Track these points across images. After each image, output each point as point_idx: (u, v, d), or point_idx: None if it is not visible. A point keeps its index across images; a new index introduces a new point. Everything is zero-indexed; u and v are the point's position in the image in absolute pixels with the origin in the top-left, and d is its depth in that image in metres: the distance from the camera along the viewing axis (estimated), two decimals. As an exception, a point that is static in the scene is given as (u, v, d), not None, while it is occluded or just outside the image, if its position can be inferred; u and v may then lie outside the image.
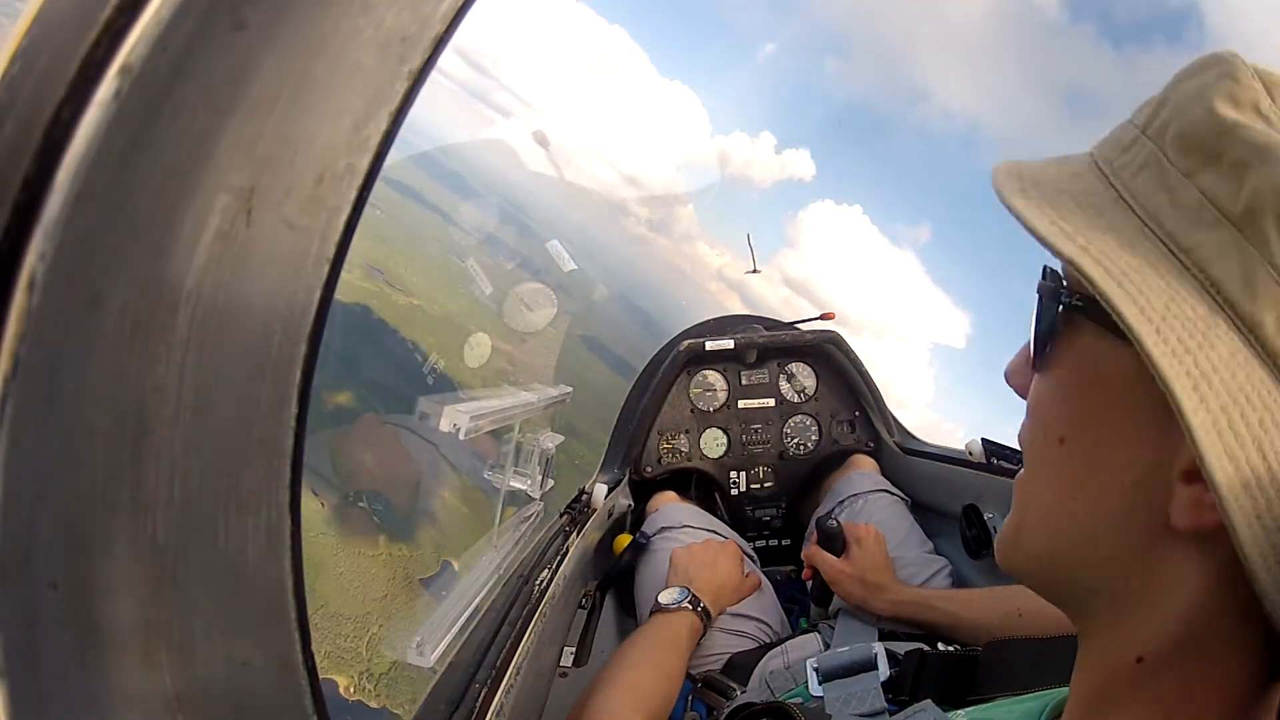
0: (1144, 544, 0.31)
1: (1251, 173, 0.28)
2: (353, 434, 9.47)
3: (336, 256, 0.25)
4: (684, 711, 0.96)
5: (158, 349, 0.21)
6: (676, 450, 1.62)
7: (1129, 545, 0.32)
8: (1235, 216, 0.28)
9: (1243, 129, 0.29)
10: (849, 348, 1.67)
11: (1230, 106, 0.30)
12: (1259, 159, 0.28)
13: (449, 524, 4.43)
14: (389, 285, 14.88)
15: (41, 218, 0.18)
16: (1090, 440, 0.34)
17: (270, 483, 0.26)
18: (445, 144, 7.95)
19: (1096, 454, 0.33)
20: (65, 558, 0.21)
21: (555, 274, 1.41)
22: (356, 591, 10.07)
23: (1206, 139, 0.30)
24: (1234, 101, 0.30)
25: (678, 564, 1.13)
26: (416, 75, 0.24)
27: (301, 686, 0.29)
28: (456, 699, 0.66)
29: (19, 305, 0.18)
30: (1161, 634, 0.31)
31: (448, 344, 2.00)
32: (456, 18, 0.24)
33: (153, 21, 0.19)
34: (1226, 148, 0.29)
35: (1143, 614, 0.32)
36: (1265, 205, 0.28)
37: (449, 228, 2.13)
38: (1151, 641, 0.32)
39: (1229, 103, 0.30)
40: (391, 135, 0.24)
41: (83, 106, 0.18)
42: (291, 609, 0.27)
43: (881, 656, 0.80)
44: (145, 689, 0.23)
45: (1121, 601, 0.33)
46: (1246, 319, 0.28)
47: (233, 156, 0.21)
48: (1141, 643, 0.32)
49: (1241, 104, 0.30)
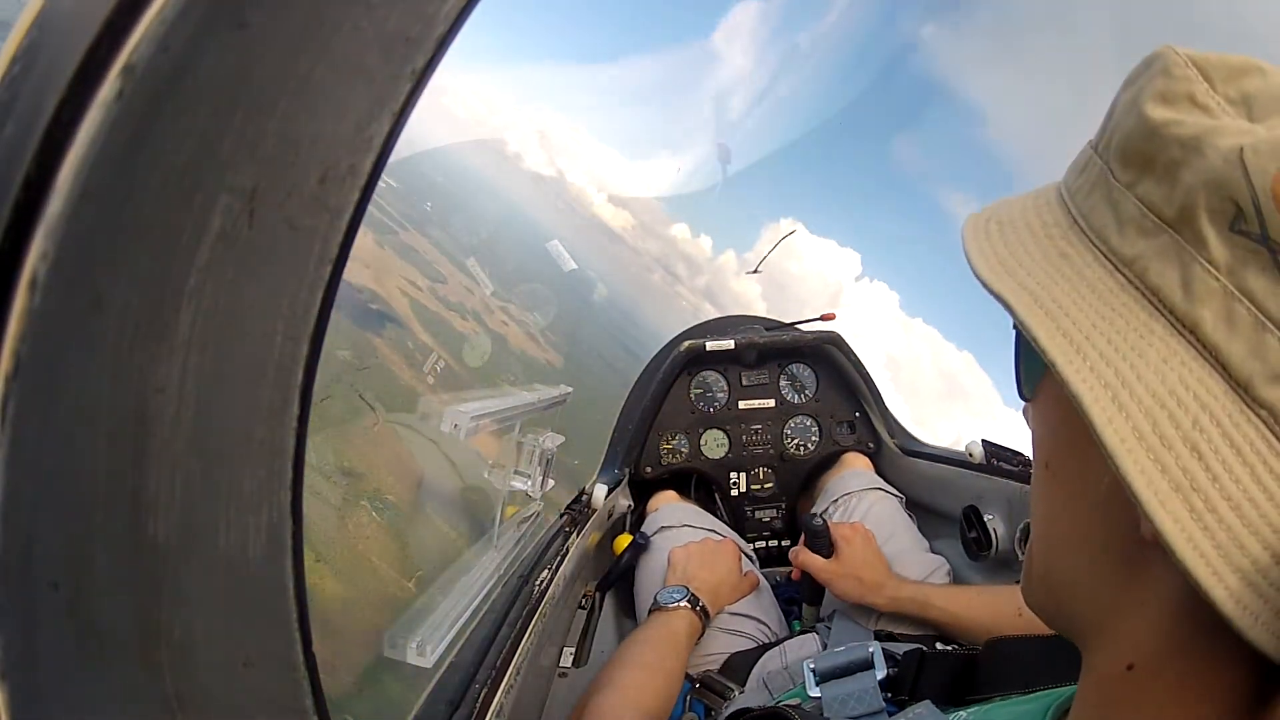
0: (1121, 557, 0.32)
1: (1183, 170, 0.28)
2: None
3: (339, 257, 0.25)
4: (682, 711, 0.96)
5: (159, 349, 0.21)
6: (677, 451, 1.62)
7: (1108, 559, 0.32)
8: (1171, 219, 0.28)
9: (1172, 126, 0.28)
10: (849, 348, 1.67)
11: (1161, 106, 0.29)
12: (1189, 153, 0.27)
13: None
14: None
15: (43, 218, 0.18)
16: (1069, 463, 0.35)
17: (271, 483, 0.26)
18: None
19: (1075, 475, 0.34)
20: (65, 558, 0.21)
21: (556, 273, 1.42)
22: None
23: (1140, 146, 0.29)
24: (1165, 99, 0.29)
25: (676, 563, 1.13)
26: (419, 75, 0.24)
27: (302, 686, 0.29)
28: (456, 699, 0.66)
29: (20, 305, 0.18)
30: (1147, 641, 0.31)
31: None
32: (460, 17, 0.24)
33: (155, 21, 0.19)
34: (1158, 150, 0.29)
35: (1128, 623, 0.32)
36: (1197, 202, 0.27)
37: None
38: (1139, 649, 0.32)
39: (1160, 102, 0.29)
40: (394, 136, 0.24)
41: (84, 107, 0.18)
42: (292, 609, 0.27)
43: (879, 656, 0.80)
44: (145, 689, 0.23)
45: (1109, 613, 0.33)
46: (1185, 319, 0.27)
47: (235, 157, 0.21)
48: (1130, 651, 0.32)
49: (1174, 99, 0.29)
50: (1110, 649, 0.33)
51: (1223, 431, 0.26)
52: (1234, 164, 0.26)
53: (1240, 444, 0.26)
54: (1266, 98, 0.28)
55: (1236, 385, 0.26)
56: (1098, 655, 0.35)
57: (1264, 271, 0.25)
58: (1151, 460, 0.26)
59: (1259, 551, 0.25)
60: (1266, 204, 0.25)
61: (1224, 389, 0.26)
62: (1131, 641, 0.32)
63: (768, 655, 1.01)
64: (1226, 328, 0.26)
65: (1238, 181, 0.26)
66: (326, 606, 1.34)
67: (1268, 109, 0.28)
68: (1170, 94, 0.29)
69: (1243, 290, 0.26)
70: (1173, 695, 0.31)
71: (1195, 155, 0.27)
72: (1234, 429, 0.26)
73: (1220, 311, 0.26)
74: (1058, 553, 0.36)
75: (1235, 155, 0.26)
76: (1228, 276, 0.26)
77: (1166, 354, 0.27)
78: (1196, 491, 0.26)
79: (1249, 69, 0.29)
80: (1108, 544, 0.32)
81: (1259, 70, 0.29)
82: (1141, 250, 0.29)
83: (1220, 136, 0.27)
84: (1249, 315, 0.26)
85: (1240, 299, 0.26)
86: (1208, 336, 0.27)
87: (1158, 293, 0.28)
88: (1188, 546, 0.25)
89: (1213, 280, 0.27)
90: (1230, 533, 0.25)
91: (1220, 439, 0.26)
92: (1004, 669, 0.68)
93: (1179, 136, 0.28)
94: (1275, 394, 0.25)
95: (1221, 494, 0.25)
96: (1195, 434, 0.26)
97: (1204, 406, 0.26)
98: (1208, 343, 0.27)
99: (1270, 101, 0.28)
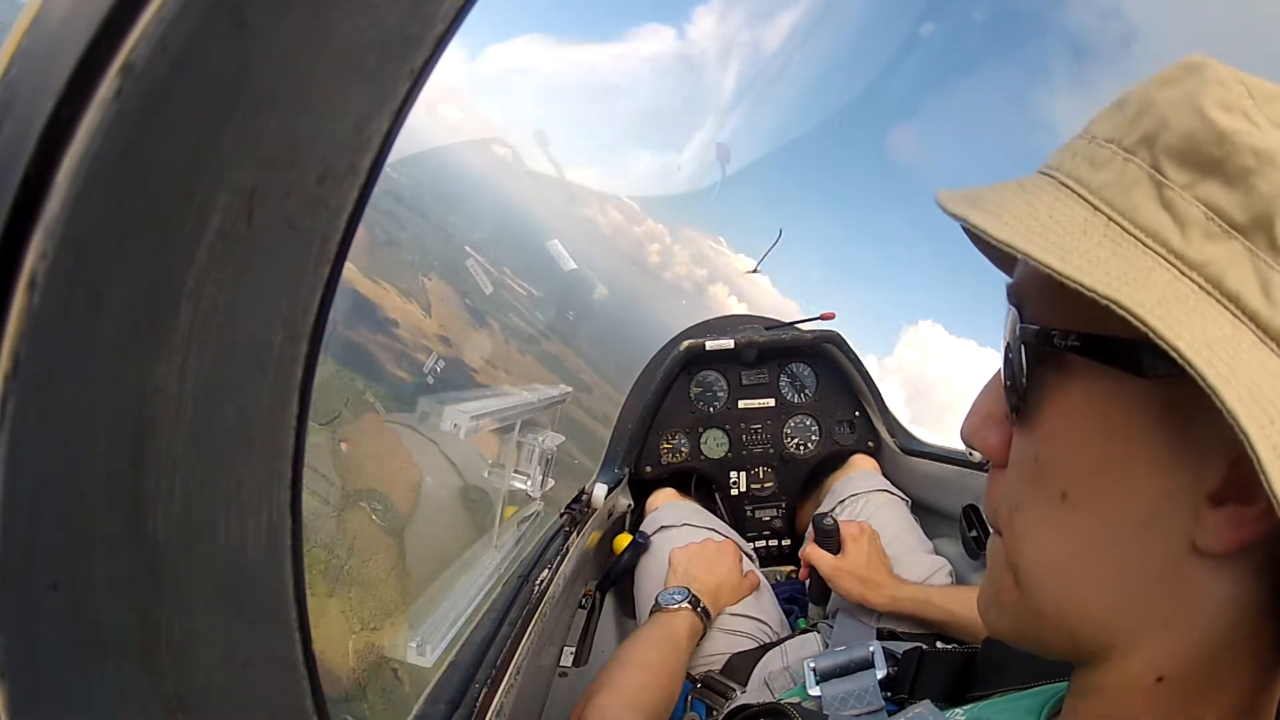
0: (1165, 574, 0.31)
1: (1257, 179, 0.28)
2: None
3: (338, 256, 0.25)
4: (683, 712, 0.96)
5: (159, 348, 0.21)
6: (677, 450, 1.62)
7: (1143, 579, 0.31)
8: (1243, 226, 0.28)
9: (1242, 134, 0.28)
10: (849, 347, 1.67)
11: (1224, 113, 0.29)
12: (1264, 163, 0.28)
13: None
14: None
15: (42, 217, 0.18)
16: (1098, 486, 0.32)
17: (271, 482, 0.26)
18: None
19: (1105, 499, 0.32)
20: (65, 558, 0.21)
21: (556, 273, 1.42)
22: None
23: (1205, 148, 0.29)
24: (1226, 107, 0.29)
25: (677, 564, 1.13)
26: (418, 74, 0.24)
27: (302, 686, 0.29)
28: (456, 699, 0.66)
29: (19, 305, 0.18)
30: (1185, 653, 0.31)
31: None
32: (458, 17, 0.24)
33: (154, 20, 0.19)
34: (1228, 155, 0.28)
35: (1166, 638, 0.32)
36: (1274, 212, 0.27)
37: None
38: (1173, 660, 0.31)
39: (1222, 109, 0.29)
40: (393, 135, 0.24)
41: (83, 106, 0.18)
42: (292, 608, 0.27)
43: (879, 655, 0.80)
44: (145, 689, 0.23)
45: (1143, 632, 0.32)
46: (1268, 326, 0.27)
47: (234, 156, 0.21)
48: (1163, 664, 0.32)
49: (1233, 109, 0.29)
50: (1134, 664, 0.33)
51: None
52: None
53: None
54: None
55: None
56: (1120, 671, 0.33)
57: None
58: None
59: None
60: None
61: None
62: (1165, 655, 0.32)
63: (769, 655, 1.01)
64: None
65: None
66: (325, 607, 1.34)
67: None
68: (1229, 104, 0.29)
69: None
70: (1197, 699, 0.31)
71: (1270, 166, 0.27)
72: None
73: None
74: (1078, 585, 0.33)
75: None
76: None
77: (1264, 360, 0.27)
78: None
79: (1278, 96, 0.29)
80: (1144, 564, 0.31)
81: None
82: (1212, 255, 0.28)
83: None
84: None
85: None
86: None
87: (1237, 300, 0.28)
88: None
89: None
90: None
91: None
92: (1002, 666, 0.69)
93: (1253, 146, 0.28)
94: None
95: None
96: None
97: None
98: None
99: None
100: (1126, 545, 0.31)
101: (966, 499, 1.29)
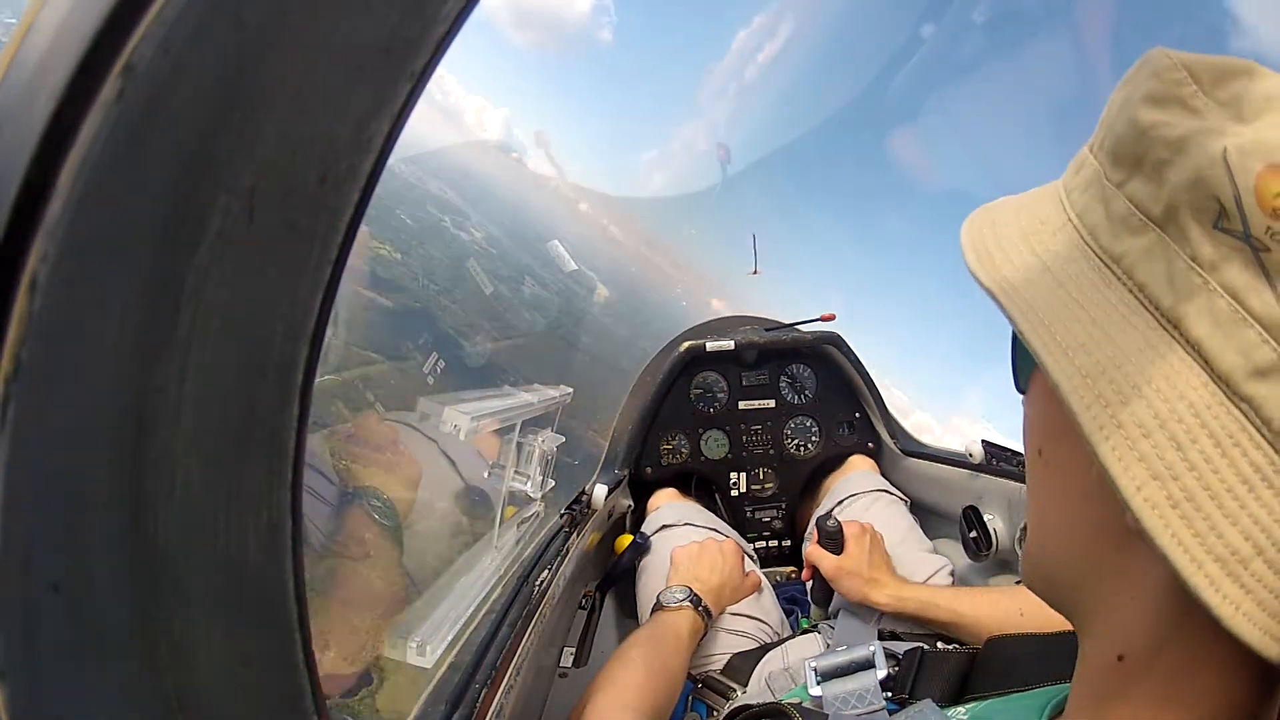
0: (1111, 545, 0.32)
1: (1169, 170, 0.28)
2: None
3: (338, 258, 0.25)
4: (684, 712, 0.96)
5: (159, 349, 0.21)
6: (677, 451, 1.62)
7: (1099, 548, 0.33)
8: (1157, 218, 0.29)
9: (1160, 128, 0.29)
10: (849, 349, 1.67)
11: (1151, 108, 0.30)
12: (1175, 154, 0.28)
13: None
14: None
15: (43, 220, 0.18)
16: (1060, 451, 0.35)
17: (271, 483, 0.26)
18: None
19: (1065, 464, 0.35)
20: (65, 558, 0.21)
21: (556, 273, 1.42)
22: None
23: (1131, 146, 0.30)
24: (1155, 101, 0.30)
25: (678, 563, 1.13)
26: (419, 76, 0.24)
27: (302, 686, 0.29)
28: (456, 699, 0.66)
29: (21, 308, 0.18)
30: (1136, 632, 0.32)
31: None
32: (459, 19, 0.24)
33: (155, 22, 0.19)
34: (1146, 151, 0.29)
35: (1118, 613, 0.32)
36: (1182, 200, 0.28)
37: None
38: (1129, 640, 0.32)
39: (1150, 104, 0.30)
40: (394, 137, 0.24)
41: (84, 108, 0.18)
42: (292, 609, 0.27)
43: (879, 655, 0.80)
44: (145, 689, 0.23)
45: (1100, 601, 0.34)
46: (1169, 315, 0.28)
47: (234, 157, 0.21)
48: (1121, 641, 0.32)
49: (1164, 101, 0.29)
50: (1102, 638, 0.34)
51: (1202, 423, 0.26)
52: (1218, 163, 0.26)
53: (1220, 435, 0.26)
54: (1255, 99, 0.28)
55: (1218, 379, 0.26)
56: (1089, 644, 0.35)
57: (1246, 268, 0.26)
58: (1129, 448, 0.27)
59: (1239, 542, 0.25)
60: (1249, 202, 0.26)
61: (1204, 381, 0.27)
62: (1123, 632, 0.32)
63: (770, 655, 1.01)
64: (1209, 323, 0.27)
65: (1221, 180, 0.26)
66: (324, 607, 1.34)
67: (1257, 110, 0.28)
68: (1160, 96, 0.30)
69: (1225, 286, 0.26)
70: (1164, 690, 0.31)
71: (1181, 155, 0.28)
72: (1214, 421, 0.26)
73: (1203, 307, 0.27)
74: (1052, 540, 0.37)
75: (1219, 155, 0.27)
76: (1210, 273, 0.27)
77: (1143, 345, 0.28)
78: (1175, 480, 0.26)
79: (1238, 71, 0.29)
80: (1097, 533, 0.33)
81: (1248, 72, 0.29)
82: (1129, 247, 0.30)
83: (1206, 137, 0.27)
84: (1230, 311, 0.26)
85: (1222, 295, 0.26)
86: (1190, 331, 0.27)
87: (1144, 289, 0.29)
88: (1165, 533, 0.26)
89: (1196, 276, 0.27)
90: (1209, 522, 0.26)
91: (1200, 430, 0.26)
92: (1004, 667, 0.68)
93: (1166, 138, 0.29)
94: (1255, 388, 0.26)
95: (1200, 483, 0.26)
96: (1174, 424, 0.26)
97: (1183, 397, 0.27)
98: (1190, 337, 0.27)
99: (1259, 102, 0.28)
100: (1079, 511, 0.34)
101: (966, 500, 1.29)
